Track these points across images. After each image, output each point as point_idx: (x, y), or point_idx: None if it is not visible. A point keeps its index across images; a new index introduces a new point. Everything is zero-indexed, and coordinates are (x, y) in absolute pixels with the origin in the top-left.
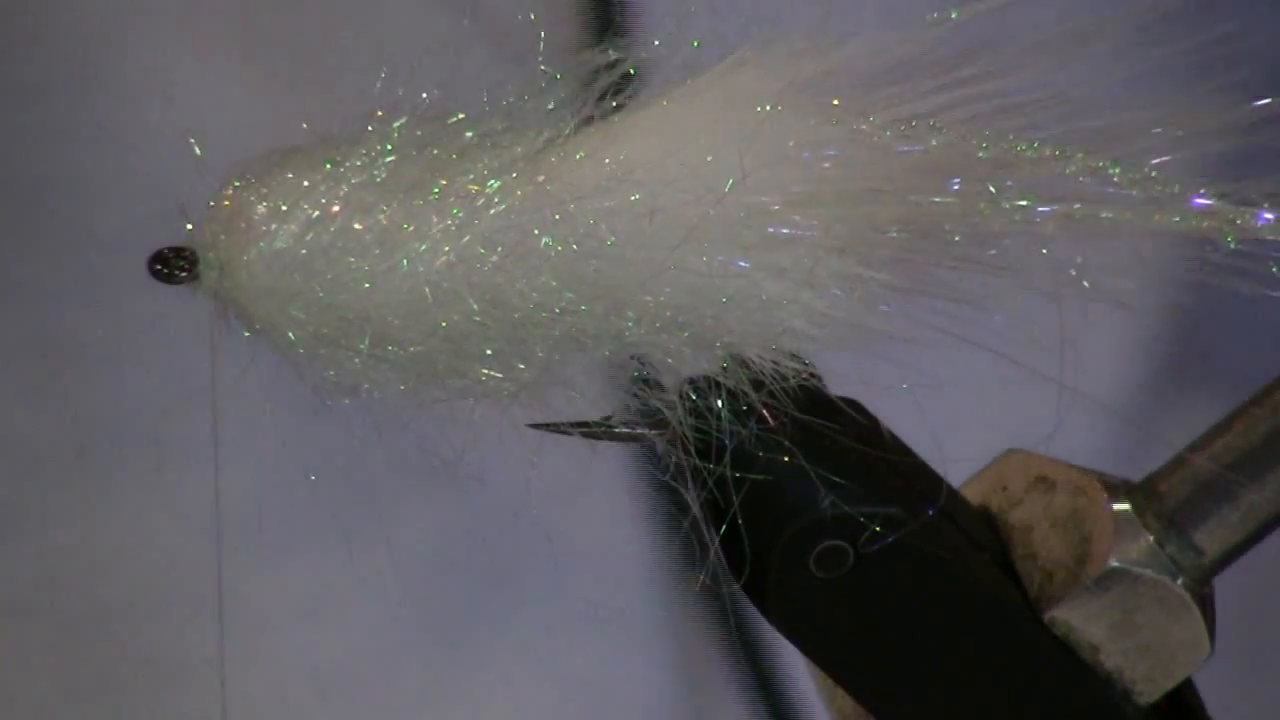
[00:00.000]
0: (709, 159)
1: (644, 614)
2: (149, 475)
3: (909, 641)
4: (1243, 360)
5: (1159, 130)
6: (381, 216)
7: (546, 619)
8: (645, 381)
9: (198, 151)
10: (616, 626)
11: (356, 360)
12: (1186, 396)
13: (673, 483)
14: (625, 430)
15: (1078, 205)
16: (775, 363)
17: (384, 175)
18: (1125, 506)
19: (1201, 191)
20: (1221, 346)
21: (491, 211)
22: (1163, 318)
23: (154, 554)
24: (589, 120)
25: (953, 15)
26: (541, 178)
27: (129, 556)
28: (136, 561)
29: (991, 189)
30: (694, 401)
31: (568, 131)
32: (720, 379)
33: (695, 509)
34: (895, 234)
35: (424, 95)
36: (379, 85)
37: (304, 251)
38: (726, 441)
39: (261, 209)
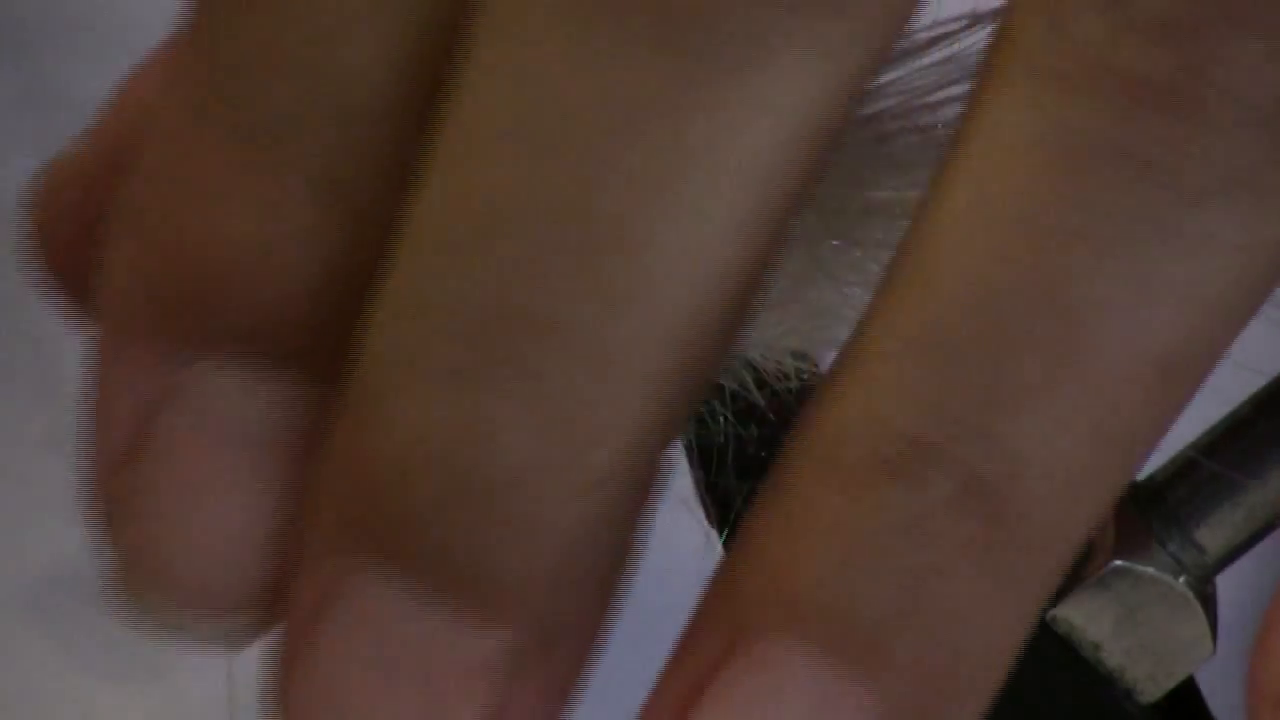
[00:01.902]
0: None
1: None
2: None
3: None
4: (1244, 359)
5: None
6: None
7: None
8: None
9: None
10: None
11: None
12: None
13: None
14: None
15: None
16: (778, 362)
17: None
18: (1126, 505)
19: None
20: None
21: None
22: None
23: None
24: None
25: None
26: None
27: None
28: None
29: None
30: None
31: None
32: (720, 379)
33: (698, 512)
34: None
35: None
36: None
37: None
38: (728, 442)
39: None
